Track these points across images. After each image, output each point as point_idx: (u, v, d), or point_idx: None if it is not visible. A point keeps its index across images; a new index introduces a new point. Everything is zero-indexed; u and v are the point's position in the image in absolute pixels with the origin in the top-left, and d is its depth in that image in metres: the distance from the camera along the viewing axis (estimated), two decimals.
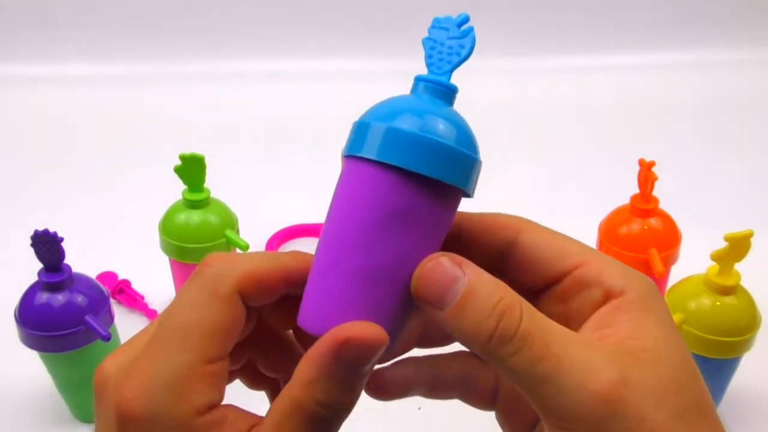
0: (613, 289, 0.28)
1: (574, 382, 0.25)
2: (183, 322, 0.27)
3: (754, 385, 0.68)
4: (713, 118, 1.23)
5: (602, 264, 0.29)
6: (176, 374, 0.26)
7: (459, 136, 0.28)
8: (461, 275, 0.26)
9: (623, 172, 0.77)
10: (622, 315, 0.27)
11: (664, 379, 0.26)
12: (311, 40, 1.30)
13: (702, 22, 1.35)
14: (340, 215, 0.28)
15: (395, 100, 0.29)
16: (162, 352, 0.27)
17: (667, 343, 0.27)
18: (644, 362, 0.26)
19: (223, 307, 0.27)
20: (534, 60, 1.33)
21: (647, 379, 0.25)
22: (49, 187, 1.01)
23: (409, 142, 0.27)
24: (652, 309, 0.28)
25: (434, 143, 0.27)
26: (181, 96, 1.21)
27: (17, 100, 1.20)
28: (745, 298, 0.58)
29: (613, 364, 0.25)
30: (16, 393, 0.66)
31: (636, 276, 0.29)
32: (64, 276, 0.57)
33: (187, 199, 0.68)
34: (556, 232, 0.31)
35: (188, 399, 0.26)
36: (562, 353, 0.25)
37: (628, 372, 0.25)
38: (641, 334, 0.27)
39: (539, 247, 0.30)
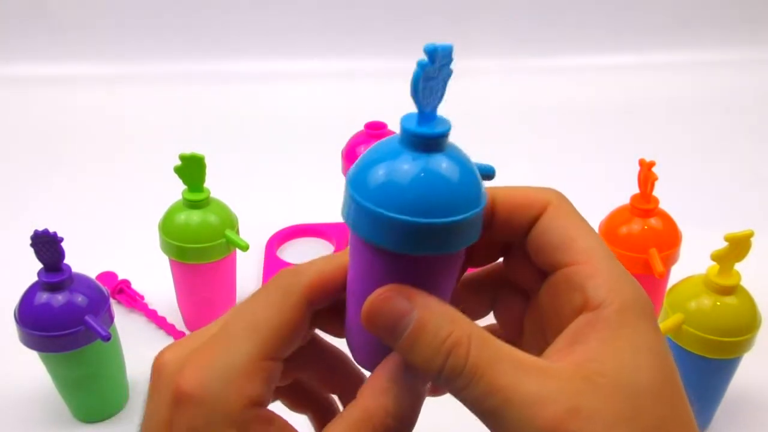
0: (592, 299, 0.27)
1: (521, 417, 0.24)
2: (252, 318, 0.28)
3: (754, 385, 0.68)
4: (713, 118, 1.23)
5: (595, 269, 0.28)
6: (236, 363, 0.27)
7: (430, 204, 0.25)
8: (409, 309, 0.26)
9: (623, 172, 0.77)
10: (594, 332, 0.26)
11: (618, 407, 0.25)
12: (311, 40, 1.30)
13: (702, 22, 1.36)
14: (353, 264, 0.29)
15: (375, 158, 0.27)
16: (227, 341, 0.28)
17: (634, 367, 0.26)
18: (600, 388, 0.25)
19: (291, 308, 0.29)
20: (534, 60, 1.33)
21: (599, 406, 0.25)
22: (49, 187, 1.01)
23: (372, 219, 0.26)
24: (629, 328, 0.27)
25: (394, 221, 0.25)
26: (181, 96, 1.21)
27: (17, 100, 1.20)
28: (745, 298, 0.58)
29: (563, 394, 0.25)
30: (16, 393, 0.66)
31: (626, 288, 0.28)
32: (64, 276, 0.57)
33: (187, 199, 0.67)
34: (579, 220, 0.30)
35: (243, 389, 0.27)
36: (510, 387, 0.25)
37: (578, 400, 0.25)
38: (606, 356, 0.26)
39: (552, 231, 0.29)
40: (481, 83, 1.28)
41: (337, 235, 0.86)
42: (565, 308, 0.28)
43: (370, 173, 0.26)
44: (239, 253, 0.71)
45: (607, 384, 0.25)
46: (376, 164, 0.26)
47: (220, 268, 0.70)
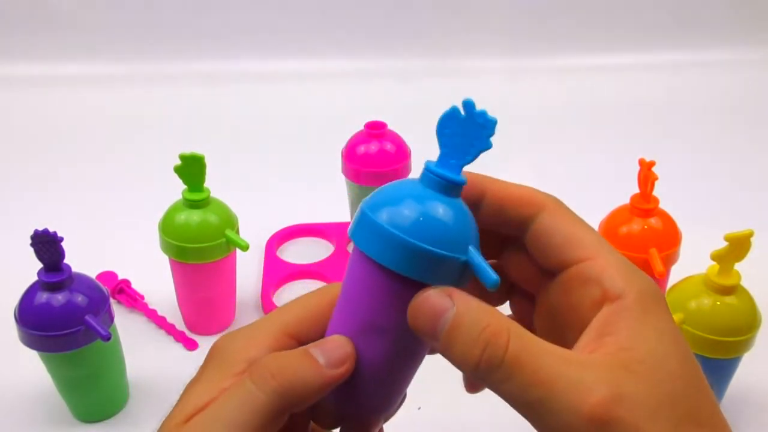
0: (611, 290, 0.28)
1: (566, 406, 0.25)
2: (289, 305, 0.32)
3: (754, 385, 0.68)
4: (713, 118, 1.23)
5: (607, 262, 0.29)
6: (254, 331, 0.31)
7: (443, 236, 0.28)
8: (450, 305, 0.27)
9: (623, 172, 0.77)
10: (620, 322, 0.27)
11: (658, 392, 0.25)
12: (311, 40, 1.30)
13: (702, 22, 1.35)
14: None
15: (397, 191, 0.29)
16: (262, 318, 0.32)
17: (664, 353, 0.26)
18: (639, 375, 0.26)
19: (316, 301, 0.32)
20: (534, 60, 1.32)
21: (641, 393, 0.25)
22: (49, 187, 1.01)
23: (386, 242, 0.28)
24: (652, 315, 0.27)
25: (413, 247, 0.27)
26: (181, 96, 1.21)
27: (17, 100, 1.20)
28: (745, 298, 0.58)
29: (605, 382, 0.25)
30: (16, 393, 0.66)
31: (638, 278, 0.28)
32: (64, 276, 0.57)
33: (187, 198, 0.67)
34: (578, 219, 0.31)
35: (248, 350, 0.30)
36: (553, 377, 0.25)
37: (621, 388, 0.25)
38: (638, 344, 0.26)
39: (553, 230, 0.30)
40: (481, 83, 1.28)
41: (337, 234, 0.86)
42: (584, 303, 0.28)
43: (399, 204, 0.28)
44: (239, 253, 0.71)
45: (644, 371, 0.26)
46: (407, 200, 0.28)
47: (220, 268, 0.70)
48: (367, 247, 0.28)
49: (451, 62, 1.31)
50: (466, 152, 0.29)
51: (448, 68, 1.30)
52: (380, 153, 0.77)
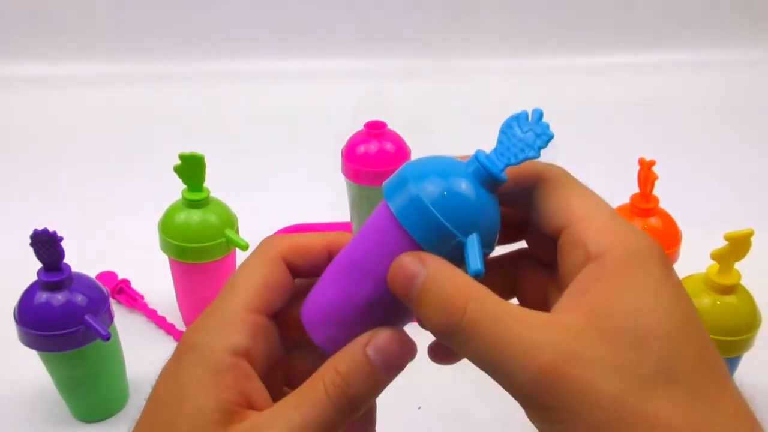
0: (592, 250, 0.28)
1: (519, 366, 0.25)
2: (235, 279, 0.33)
3: (754, 384, 0.68)
4: (713, 118, 1.23)
5: (592, 223, 0.29)
6: (219, 317, 0.31)
7: (455, 213, 0.29)
8: (420, 271, 0.28)
9: (623, 171, 0.77)
10: (597, 280, 0.27)
11: (624, 351, 0.25)
12: (311, 40, 1.30)
13: (702, 22, 1.35)
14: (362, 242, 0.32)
15: (441, 164, 0.31)
16: (217, 303, 0.32)
17: (642, 310, 0.26)
18: (604, 333, 0.25)
19: (266, 266, 0.32)
20: (534, 60, 1.32)
21: (601, 351, 0.25)
22: (49, 187, 1.01)
23: (415, 211, 0.29)
24: (633, 272, 0.27)
25: (435, 220, 0.29)
26: (181, 96, 1.21)
27: (17, 100, 1.20)
28: (745, 298, 0.58)
29: (563, 342, 0.25)
30: (16, 393, 0.66)
31: (625, 236, 0.28)
32: (64, 275, 0.57)
33: (186, 198, 0.67)
34: (576, 186, 0.31)
35: (227, 337, 0.30)
36: (508, 339, 0.26)
37: (580, 347, 0.25)
38: (610, 302, 0.26)
39: (548, 198, 0.31)
40: (481, 83, 1.28)
41: None
42: (572, 266, 0.29)
43: (439, 183, 0.30)
44: (239, 253, 0.71)
45: (608, 327, 0.25)
46: (447, 178, 0.30)
47: (219, 267, 0.70)
48: (393, 200, 0.30)
49: (451, 62, 1.31)
50: (516, 155, 0.30)
51: (448, 68, 1.30)
52: (380, 153, 0.77)
